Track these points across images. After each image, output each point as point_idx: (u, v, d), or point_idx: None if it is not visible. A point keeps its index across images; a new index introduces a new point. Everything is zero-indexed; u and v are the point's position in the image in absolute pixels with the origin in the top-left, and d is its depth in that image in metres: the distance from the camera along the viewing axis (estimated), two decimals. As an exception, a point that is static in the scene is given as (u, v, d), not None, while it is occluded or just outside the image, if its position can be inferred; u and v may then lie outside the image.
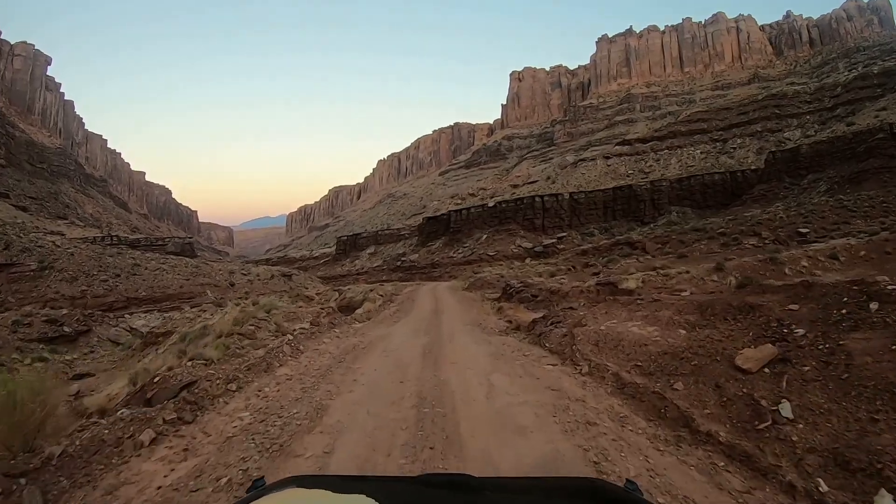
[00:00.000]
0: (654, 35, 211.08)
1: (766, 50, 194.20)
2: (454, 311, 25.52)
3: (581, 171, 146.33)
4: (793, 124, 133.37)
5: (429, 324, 19.96)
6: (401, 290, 49.85)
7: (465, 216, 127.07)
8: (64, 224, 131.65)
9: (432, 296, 38.66)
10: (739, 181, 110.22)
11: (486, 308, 27.64)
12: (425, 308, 28.32)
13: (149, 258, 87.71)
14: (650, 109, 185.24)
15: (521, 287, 28.97)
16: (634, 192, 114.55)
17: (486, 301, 32.49)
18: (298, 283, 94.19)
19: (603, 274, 30.72)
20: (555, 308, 25.50)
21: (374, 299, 34.65)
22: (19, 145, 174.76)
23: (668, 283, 27.19)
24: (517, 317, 21.11)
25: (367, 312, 26.89)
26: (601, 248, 64.24)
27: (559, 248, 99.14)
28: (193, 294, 79.04)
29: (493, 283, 45.20)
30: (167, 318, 49.69)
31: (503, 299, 30.57)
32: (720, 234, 52.55)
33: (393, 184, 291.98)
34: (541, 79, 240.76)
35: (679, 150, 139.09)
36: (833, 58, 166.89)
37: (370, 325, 20.46)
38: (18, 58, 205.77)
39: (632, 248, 56.50)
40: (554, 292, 26.78)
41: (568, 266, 49.85)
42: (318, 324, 19.79)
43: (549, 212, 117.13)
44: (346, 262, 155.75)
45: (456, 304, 31.22)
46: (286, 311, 22.60)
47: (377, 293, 40.94)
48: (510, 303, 27.37)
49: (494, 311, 25.40)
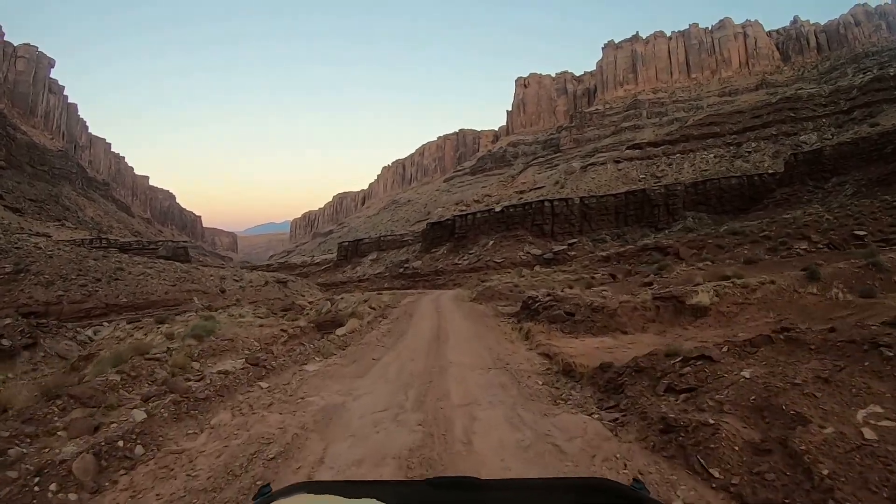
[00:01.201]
0: (661, 41, 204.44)
1: (774, 56, 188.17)
2: (463, 337, 18.46)
3: (591, 175, 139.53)
4: (808, 127, 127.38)
5: (426, 365, 12.83)
6: (399, 300, 42.74)
7: (470, 221, 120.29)
8: (54, 226, 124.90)
9: (434, 310, 31.43)
10: (757, 185, 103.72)
11: (504, 330, 20.87)
12: (424, 330, 21.25)
13: (135, 262, 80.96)
14: (657, 116, 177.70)
15: (551, 301, 21.78)
16: (648, 197, 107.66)
17: (502, 318, 25.47)
18: (294, 291, 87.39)
19: (657, 284, 23.43)
20: (614, 333, 18.63)
21: (364, 314, 27.67)
22: (20, 147, 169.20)
23: (751, 297, 20.24)
24: (559, 350, 14.09)
25: (349, 335, 20.08)
26: (626, 253, 56.78)
27: (570, 255, 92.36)
28: (179, 301, 72.25)
29: (505, 294, 38.06)
30: (129, 329, 42.50)
31: (526, 317, 23.42)
32: (763, 237, 45.53)
33: (397, 190, 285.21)
34: (546, 85, 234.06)
35: (692, 154, 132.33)
36: (841, 63, 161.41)
37: (337, 367, 13.17)
38: (21, 59, 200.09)
39: (662, 253, 49.22)
40: (597, 309, 19.61)
41: (589, 274, 42.57)
42: (258, 362, 12.52)
43: (559, 217, 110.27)
44: (346, 268, 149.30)
45: (464, 321, 24.19)
46: (221, 338, 15.34)
47: (370, 305, 33.85)
48: (536, 322, 20.31)
49: (519, 335, 18.41)
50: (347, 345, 17.05)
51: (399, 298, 44.86)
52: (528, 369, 12.17)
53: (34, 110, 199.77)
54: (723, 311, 19.47)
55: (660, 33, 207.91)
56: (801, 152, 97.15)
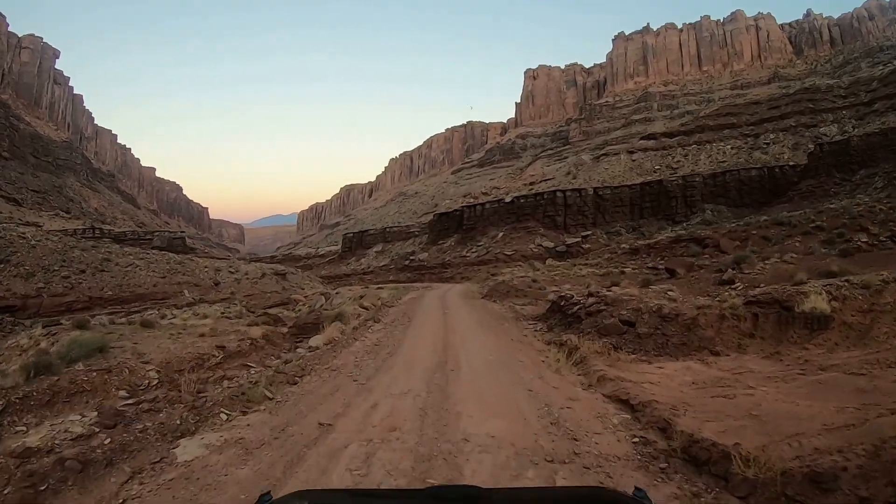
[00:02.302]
0: (672, 33, 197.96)
1: (786, 49, 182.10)
2: (482, 363, 12.49)
3: (604, 166, 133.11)
4: (828, 119, 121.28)
5: (418, 450, 6.68)
6: (400, 296, 36.80)
7: (479, 212, 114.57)
8: (48, 216, 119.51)
9: (440, 310, 25.52)
10: (778, 177, 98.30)
11: (537, 346, 14.95)
12: (424, 344, 15.36)
13: (125, 253, 75.52)
14: (668, 108, 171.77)
15: (597, 305, 15.84)
16: (665, 188, 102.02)
17: (526, 324, 19.59)
18: (294, 283, 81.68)
19: (740, 282, 17.31)
20: (699, 354, 12.80)
21: (353, 316, 21.83)
22: (24, 138, 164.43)
23: (879, 301, 14.06)
24: (644, 395, 8.19)
25: (321, 349, 14.52)
26: (657, 245, 50.27)
27: (584, 248, 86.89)
28: (168, 294, 66.72)
29: (522, 290, 32.06)
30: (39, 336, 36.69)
31: (559, 323, 17.46)
32: (815, 228, 39.35)
33: (405, 182, 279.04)
34: (556, 77, 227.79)
35: (708, 146, 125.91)
36: (855, 57, 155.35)
37: (233, 454, 6.80)
38: (26, 50, 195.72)
39: (700, 245, 42.95)
40: (668, 318, 13.57)
41: (617, 268, 36.62)
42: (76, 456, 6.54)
43: (572, 208, 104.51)
44: (351, 260, 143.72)
45: (478, 331, 18.30)
46: (93, 367, 9.40)
47: (361, 304, 27.95)
48: (580, 334, 14.30)
49: (562, 357, 12.23)
50: (304, 374, 11.22)
51: (400, 294, 39.05)
52: (618, 453, 6.23)
53: (39, 101, 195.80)
54: (847, 321, 13.42)
55: (671, 25, 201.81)
56: (827, 143, 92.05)
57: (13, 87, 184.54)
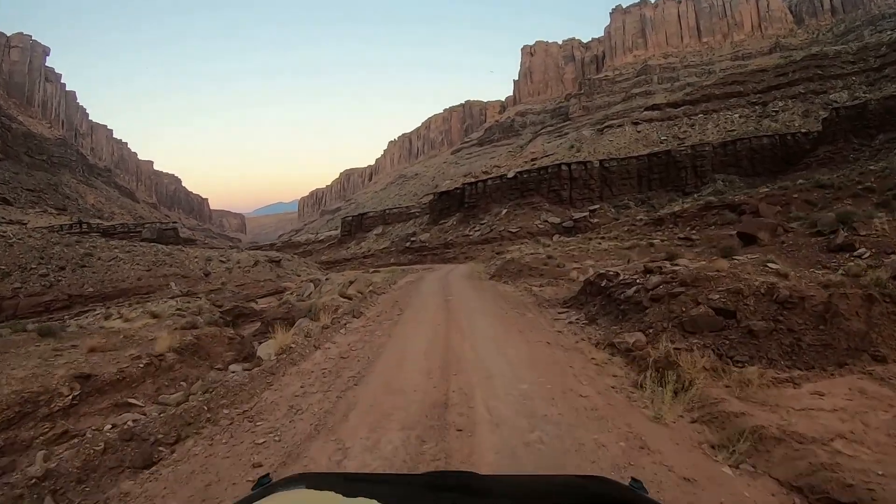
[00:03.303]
0: (671, 4, 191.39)
1: (787, 18, 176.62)
2: (508, 387, 7.53)
3: (608, 138, 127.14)
4: (837, 86, 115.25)
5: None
6: (395, 280, 31.94)
7: (481, 189, 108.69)
8: (34, 213, 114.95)
9: (441, 296, 20.69)
10: (790, 145, 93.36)
11: (582, 349, 10.08)
12: (417, 350, 10.74)
13: (110, 246, 70.59)
14: (668, 81, 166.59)
15: (670, 287, 10.78)
16: (674, 159, 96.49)
17: (550, 311, 14.68)
18: (289, 270, 76.90)
19: (865, 248, 12.24)
20: (858, 366, 8.06)
21: (328, 309, 16.90)
22: (16, 137, 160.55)
23: None
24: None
25: (275, 358, 9.85)
26: (685, 214, 44.36)
27: (592, 223, 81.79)
28: (153, 287, 62.15)
29: (538, 269, 27.03)
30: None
31: (602, 312, 12.26)
32: (865, 190, 34.11)
33: (404, 164, 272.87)
34: (553, 53, 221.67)
35: (715, 115, 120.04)
36: (857, 25, 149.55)
37: None
38: (16, 49, 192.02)
39: (734, 212, 37.65)
40: (788, 304, 8.41)
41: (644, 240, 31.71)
42: None
43: (577, 182, 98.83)
44: (350, 244, 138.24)
45: (493, 323, 13.57)
46: None
47: (350, 291, 23.03)
48: (642, 328, 9.26)
49: (649, 384, 7.13)
50: (188, 434, 6.30)
51: (396, 277, 34.11)
52: None
53: (31, 99, 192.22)
54: None
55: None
56: (843, 107, 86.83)
57: (4, 87, 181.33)
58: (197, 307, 24.36)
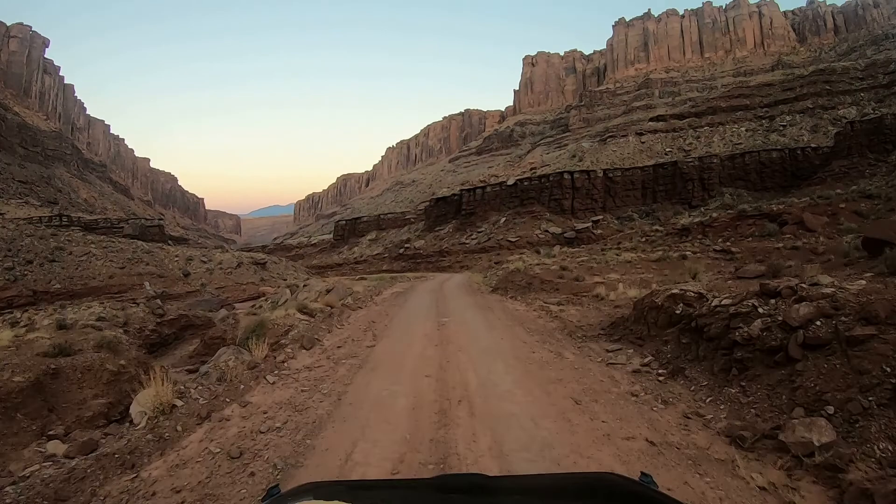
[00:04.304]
0: (674, 19, 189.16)
1: (790, 36, 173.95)
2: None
3: (612, 148, 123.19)
4: (846, 101, 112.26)
5: None
6: (382, 289, 26.82)
7: (479, 196, 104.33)
8: (15, 203, 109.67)
9: (433, 316, 15.35)
10: (800, 160, 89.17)
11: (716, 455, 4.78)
12: (382, 451, 5.27)
13: (85, 241, 65.29)
14: (669, 95, 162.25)
15: (832, 325, 5.55)
16: (680, 171, 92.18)
17: (593, 347, 9.15)
18: (275, 273, 71.72)
19: None
20: None
21: (278, 330, 11.79)
22: (10, 128, 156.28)
23: None
24: None
25: (142, 432, 4.83)
26: (715, 224, 38.99)
27: (595, 234, 77.05)
28: (125, 286, 56.75)
29: (551, 282, 21.83)
30: None
31: (693, 359, 6.74)
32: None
33: (402, 171, 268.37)
34: (555, 64, 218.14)
35: (721, 128, 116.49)
36: (860, 45, 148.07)
37: None
38: (14, 39, 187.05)
39: (775, 221, 32.48)
40: None
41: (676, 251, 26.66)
42: None
43: (580, 192, 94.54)
44: (343, 249, 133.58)
45: (525, 377, 7.60)
46: None
47: (315, 304, 17.91)
48: (757, 393, 5.64)
49: None
50: None
51: (383, 286, 29.01)
52: None
53: (28, 91, 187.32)
54: None
55: (672, 11, 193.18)
56: (859, 121, 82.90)
57: (1, 77, 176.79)
58: (125, 316, 19.22)
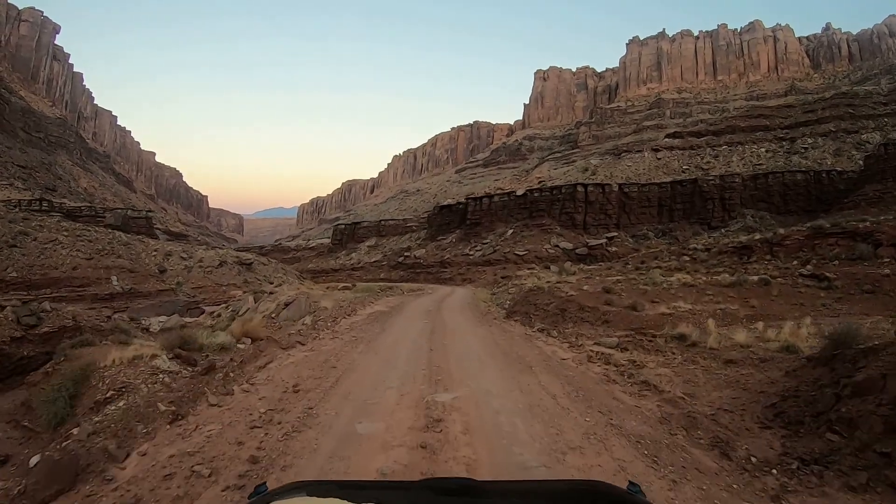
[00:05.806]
0: (688, 40, 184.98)
1: (804, 62, 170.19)
2: None
3: (626, 163, 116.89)
4: (869, 126, 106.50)
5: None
6: (365, 303, 19.91)
7: (485, 206, 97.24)
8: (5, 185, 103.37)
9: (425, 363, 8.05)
10: (825, 183, 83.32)
11: None
12: None
13: (59, 227, 58.35)
14: (680, 116, 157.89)
15: None
16: (700, 189, 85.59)
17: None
18: (261, 276, 64.70)
19: None
20: None
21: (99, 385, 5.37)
22: (14, 112, 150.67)
23: None
24: None
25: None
26: (788, 242, 31.31)
27: (609, 252, 70.30)
28: (90, 280, 49.56)
29: (594, 309, 16.54)
30: None
31: None
32: None
33: (407, 180, 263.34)
34: (566, 79, 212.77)
35: (741, 147, 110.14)
36: (875, 73, 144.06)
37: None
38: (25, 23, 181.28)
39: (865, 241, 25.40)
40: None
41: (732, 273, 19.75)
42: None
43: (593, 206, 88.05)
44: (340, 254, 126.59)
45: None
46: None
47: (254, 323, 11.02)
48: None
49: None
50: None
51: (368, 299, 22.18)
52: None
53: (36, 76, 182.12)
54: None
55: (687, 32, 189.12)
56: (892, 143, 76.00)
57: (10, 60, 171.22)
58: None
